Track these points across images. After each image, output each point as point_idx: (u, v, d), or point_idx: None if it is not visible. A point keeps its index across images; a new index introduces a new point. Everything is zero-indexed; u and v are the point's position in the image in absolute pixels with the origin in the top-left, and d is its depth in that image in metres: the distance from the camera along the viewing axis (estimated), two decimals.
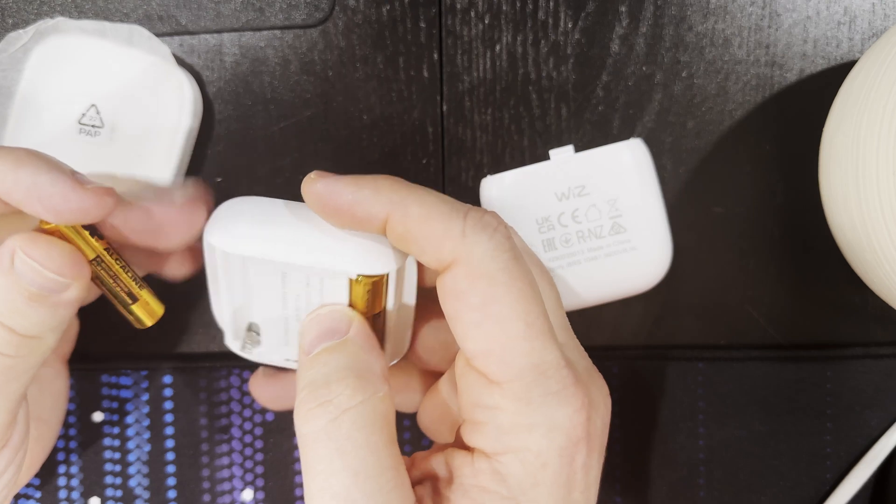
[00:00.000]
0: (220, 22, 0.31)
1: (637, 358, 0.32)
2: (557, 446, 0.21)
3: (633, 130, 0.32)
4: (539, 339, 0.21)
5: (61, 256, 0.22)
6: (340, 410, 0.21)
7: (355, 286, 0.23)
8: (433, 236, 0.21)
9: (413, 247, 0.21)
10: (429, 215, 0.21)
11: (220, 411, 0.32)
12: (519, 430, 0.21)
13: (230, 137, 0.31)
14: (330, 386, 0.21)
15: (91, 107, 0.30)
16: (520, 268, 0.21)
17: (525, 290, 0.21)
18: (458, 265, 0.21)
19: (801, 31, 0.31)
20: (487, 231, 0.21)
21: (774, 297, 0.32)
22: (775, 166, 0.32)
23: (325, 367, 0.22)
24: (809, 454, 0.32)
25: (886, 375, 0.32)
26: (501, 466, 0.21)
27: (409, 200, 0.21)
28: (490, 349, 0.21)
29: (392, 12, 0.31)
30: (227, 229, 0.23)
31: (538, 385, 0.21)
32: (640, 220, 0.29)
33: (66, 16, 0.31)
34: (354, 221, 0.22)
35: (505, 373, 0.21)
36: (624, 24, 0.31)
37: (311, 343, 0.23)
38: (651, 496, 0.32)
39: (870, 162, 0.24)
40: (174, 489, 0.32)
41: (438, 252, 0.21)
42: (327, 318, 0.23)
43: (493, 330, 0.21)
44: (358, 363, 0.22)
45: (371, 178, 0.22)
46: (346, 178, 0.22)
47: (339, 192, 0.21)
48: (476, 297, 0.21)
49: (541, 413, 0.21)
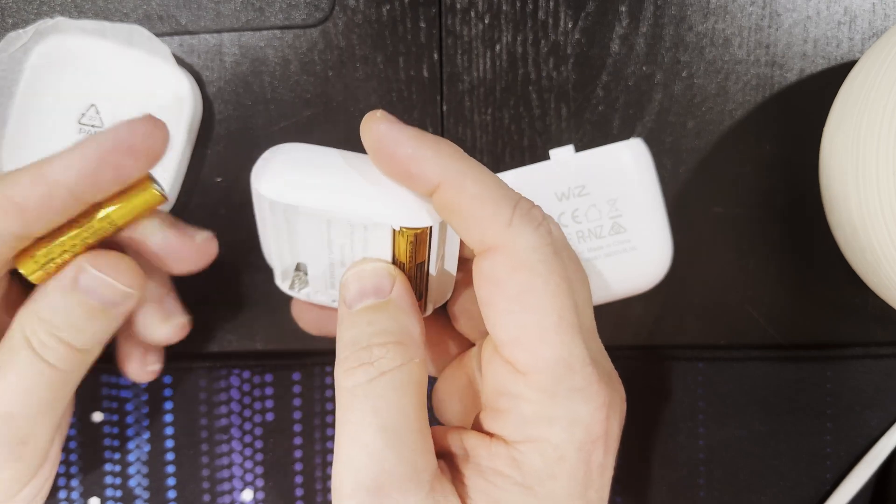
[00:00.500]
0: (220, 22, 0.31)
1: (637, 358, 0.32)
2: (577, 441, 0.21)
3: (633, 130, 0.32)
4: (569, 335, 0.21)
5: (129, 268, 0.23)
6: (379, 372, 0.22)
7: (398, 238, 0.23)
8: (482, 217, 0.21)
9: (457, 221, 0.22)
10: (483, 196, 0.21)
11: (220, 411, 0.32)
12: (541, 422, 0.21)
13: (230, 137, 0.31)
14: (372, 349, 0.22)
15: (91, 107, 0.30)
16: (558, 263, 0.21)
17: (561, 286, 0.21)
18: (500, 252, 0.21)
19: (801, 31, 0.31)
20: (533, 224, 0.21)
21: (774, 297, 0.32)
22: (775, 166, 0.32)
23: (369, 328, 0.22)
24: (809, 454, 0.32)
25: (886, 375, 0.32)
26: (520, 455, 0.21)
27: (467, 175, 0.21)
28: (520, 338, 0.21)
29: (392, 12, 0.31)
30: (273, 176, 0.23)
31: (564, 379, 0.21)
32: (640, 220, 0.29)
33: (66, 16, 0.31)
34: (404, 175, 0.22)
35: (533, 363, 0.21)
36: (624, 24, 0.31)
37: (353, 297, 0.23)
38: (651, 496, 0.32)
39: (870, 162, 0.24)
40: (174, 489, 0.32)
41: (482, 234, 0.21)
42: (371, 275, 0.23)
43: (526, 320, 0.21)
44: (399, 327, 0.22)
45: (433, 139, 0.21)
46: (409, 130, 0.21)
47: (400, 142, 0.21)
48: (514, 286, 0.21)
49: (564, 407, 0.21)
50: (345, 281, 0.24)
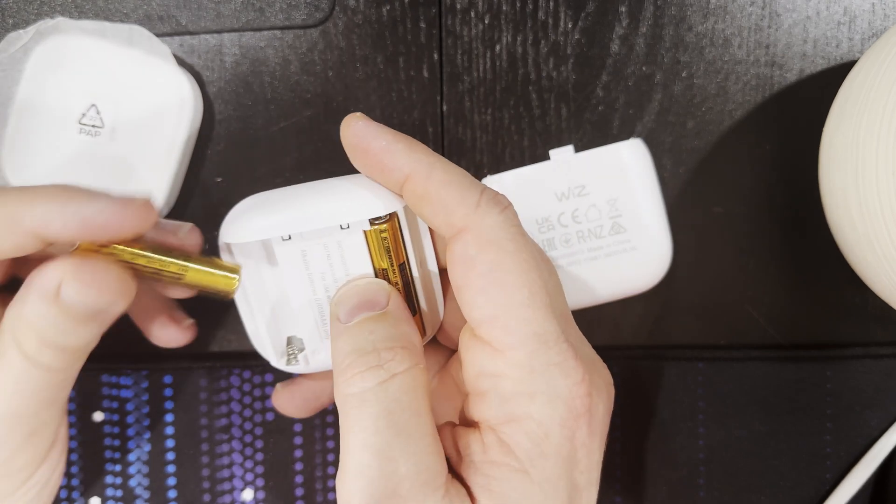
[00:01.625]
0: (220, 22, 0.31)
1: (637, 358, 0.32)
2: (559, 416, 0.21)
3: (633, 130, 0.32)
4: (541, 310, 0.22)
5: (109, 279, 0.23)
6: (390, 374, 0.22)
7: (371, 239, 0.24)
8: (450, 201, 0.22)
9: (428, 208, 0.22)
10: (450, 181, 0.22)
11: (220, 411, 0.32)
12: (521, 398, 0.21)
13: (230, 137, 0.31)
14: (379, 353, 0.22)
15: (91, 107, 0.30)
16: (525, 241, 0.22)
17: (529, 262, 0.22)
18: (469, 232, 0.22)
19: (801, 31, 0.31)
20: (499, 206, 0.22)
21: (774, 297, 0.32)
22: (775, 166, 0.32)
23: (371, 335, 0.22)
24: (809, 454, 0.32)
25: (886, 375, 0.32)
26: (507, 437, 0.22)
27: (435, 165, 0.22)
28: (495, 315, 0.21)
29: (392, 12, 0.31)
30: (235, 226, 0.24)
31: (540, 354, 0.21)
32: (639, 220, 0.29)
33: (67, 16, 0.31)
34: (379, 168, 0.23)
35: (508, 339, 0.21)
36: (624, 24, 0.31)
37: (349, 312, 0.23)
38: (651, 496, 0.32)
39: (870, 162, 0.24)
40: (174, 489, 0.32)
41: (451, 217, 0.22)
42: (365, 289, 0.24)
43: (498, 296, 0.21)
44: (401, 334, 0.23)
45: (407, 137, 0.23)
46: (384, 128, 0.23)
47: (376, 136, 0.23)
48: (484, 263, 0.22)
49: (543, 381, 0.21)
50: (337, 299, 0.24)
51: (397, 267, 0.24)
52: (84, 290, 0.22)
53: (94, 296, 0.22)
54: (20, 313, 0.22)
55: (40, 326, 0.22)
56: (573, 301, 0.30)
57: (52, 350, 0.23)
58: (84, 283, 0.22)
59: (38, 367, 0.22)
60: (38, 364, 0.22)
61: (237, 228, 0.24)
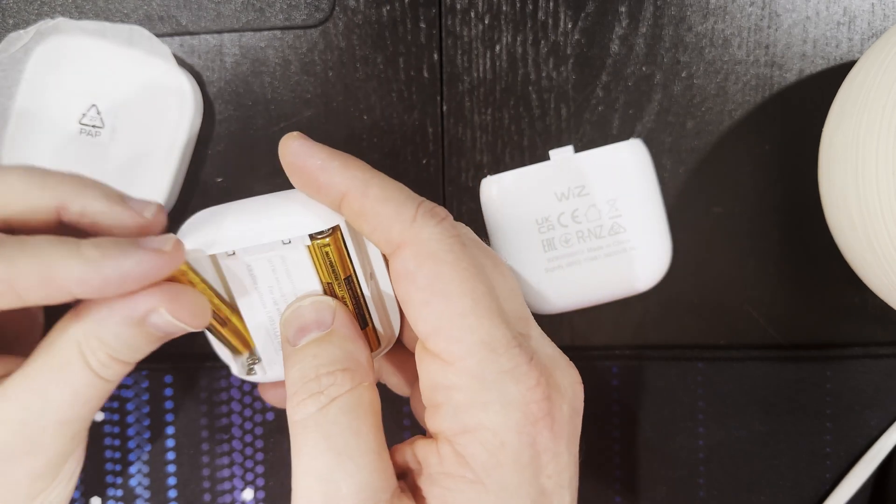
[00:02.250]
0: (220, 22, 0.31)
1: (637, 358, 0.32)
2: (514, 423, 0.21)
3: (632, 130, 0.32)
4: (486, 317, 0.21)
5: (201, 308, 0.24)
6: (328, 399, 0.22)
7: (315, 253, 0.24)
8: (386, 217, 0.22)
9: (365, 225, 0.22)
10: (385, 197, 0.22)
11: (220, 411, 0.32)
12: (474, 408, 0.21)
13: (230, 137, 0.32)
14: (320, 379, 0.22)
15: (91, 107, 0.30)
16: (464, 251, 0.22)
17: (470, 270, 0.22)
18: (406, 247, 0.22)
19: (800, 31, 0.31)
20: (435, 219, 0.22)
21: (774, 297, 0.32)
22: (775, 166, 0.32)
23: (315, 360, 0.23)
24: (809, 454, 0.32)
25: (886, 375, 0.32)
26: (462, 448, 0.21)
27: (371, 181, 0.22)
28: (439, 327, 0.21)
29: (392, 13, 0.31)
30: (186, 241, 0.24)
31: (490, 362, 0.21)
32: (639, 220, 0.29)
33: (67, 16, 0.31)
34: (315, 186, 0.23)
35: (456, 350, 0.21)
36: (624, 24, 0.31)
37: (295, 334, 0.24)
38: (651, 496, 0.32)
39: (870, 162, 0.24)
40: (174, 489, 0.32)
41: (388, 232, 0.22)
42: (310, 309, 0.24)
43: (440, 307, 0.21)
44: (345, 354, 0.23)
45: (343, 154, 0.23)
46: (321, 146, 0.23)
47: (312, 155, 0.23)
48: (423, 276, 0.22)
49: (495, 389, 0.21)
50: (284, 320, 0.24)
51: (343, 280, 0.24)
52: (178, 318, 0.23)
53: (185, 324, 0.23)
54: (96, 331, 0.23)
55: (115, 346, 0.23)
56: (574, 301, 0.30)
57: (117, 365, 0.23)
58: (180, 312, 0.23)
59: (99, 380, 0.23)
60: (99, 377, 0.23)
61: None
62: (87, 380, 0.23)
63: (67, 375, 0.23)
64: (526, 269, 0.29)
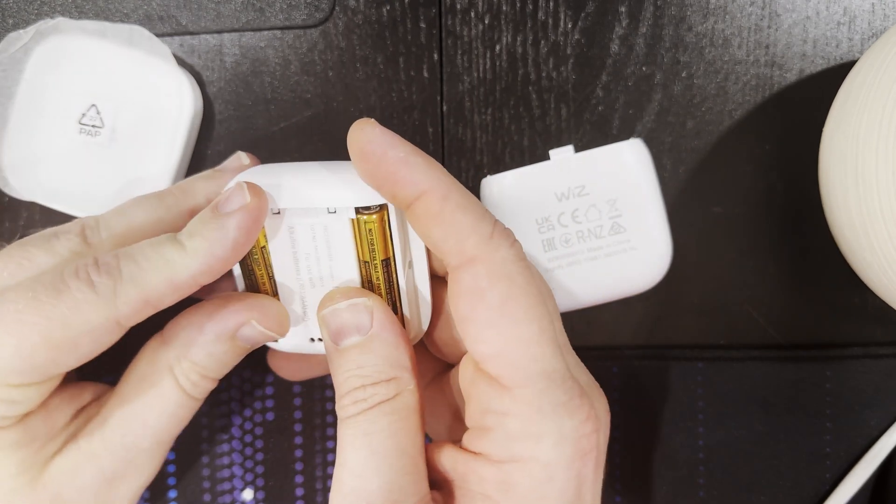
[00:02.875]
0: (220, 22, 0.31)
1: (637, 358, 0.32)
2: (566, 457, 0.21)
3: (633, 130, 0.32)
4: (549, 346, 0.21)
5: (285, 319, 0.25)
6: (371, 405, 0.22)
7: (358, 228, 0.23)
8: (464, 227, 0.21)
9: (438, 230, 0.22)
10: (467, 207, 0.21)
11: (220, 411, 0.32)
12: (528, 439, 0.21)
13: (230, 137, 0.32)
14: (365, 388, 0.23)
15: (91, 107, 0.30)
16: (535, 277, 0.22)
17: (539, 297, 0.21)
18: (480, 263, 0.21)
19: (800, 31, 0.31)
20: (510, 239, 0.22)
21: (774, 297, 0.32)
22: (775, 166, 0.32)
23: (359, 370, 0.23)
24: (809, 454, 0.32)
25: (886, 375, 0.32)
26: (507, 476, 0.21)
27: (453, 186, 0.22)
28: (503, 351, 0.21)
29: (392, 12, 0.31)
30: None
31: (548, 393, 0.21)
32: (640, 220, 0.29)
33: (67, 16, 0.31)
34: (390, 180, 0.22)
35: (517, 376, 0.21)
36: (624, 24, 0.31)
37: (335, 334, 0.24)
38: (651, 496, 0.32)
39: (870, 162, 0.24)
40: (174, 489, 0.32)
41: (462, 244, 0.21)
42: (348, 312, 0.24)
43: (508, 330, 0.21)
44: (388, 363, 0.23)
45: (424, 153, 0.22)
46: (400, 138, 0.22)
47: (393, 145, 0.21)
48: (494, 296, 0.21)
49: (551, 422, 0.21)
50: (322, 318, 0.24)
51: (380, 262, 0.24)
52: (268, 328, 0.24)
53: (273, 332, 0.25)
54: (187, 354, 0.24)
55: (207, 364, 0.24)
56: (574, 301, 0.30)
57: (207, 383, 0.25)
58: (269, 322, 0.24)
59: (191, 400, 0.25)
60: (192, 398, 0.25)
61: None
62: (180, 401, 0.24)
63: (163, 400, 0.24)
64: None
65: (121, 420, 0.24)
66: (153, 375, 0.24)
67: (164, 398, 0.24)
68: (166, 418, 0.24)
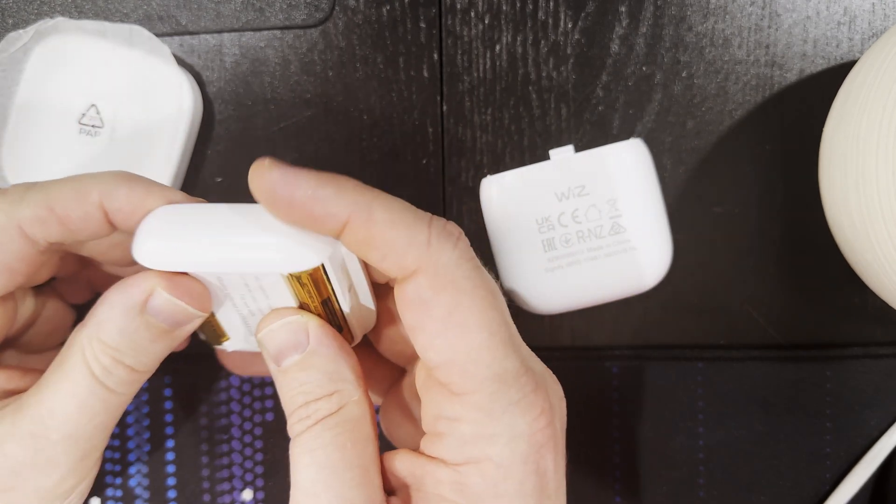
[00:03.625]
0: (220, 22, 0.31)
1: (637, 358, 0.32)
2: (520, 454, 0.21)
3: (633, 130, 0.32)
4: (501, 349, 0.21)
5: (198, 289, 0.23)
6: (314, 421, 0.22)
7: (291, 282, 0.22)
8: (397, 243, 0.20)
9: (374, 253, 0.21)
10: (394, 221, 0.20)
11: (220, 411, 0.32)
12: (480, 441, 0.21)
13: (230, 137, 0.31)
14: (308, 405, 0.22)
15: (91, 107, 0.30)
16: (482, 276, 0.21)
17: (488, 299, 0.21)
18: (422, 274, 0.20)
19: (801, 31, 0.31)
20: (451, 240, 0.21)
21: (774, 297, 0.32)
22: (775, 166, 0.32)
23: (301, 387, 0.22)
24: (809, 454, 0.32)
25: (886, 375, 0.32)
26: (463, 477, 0.21)
27: (374, 204, 0.20)
28: (453, 360, 0.21)
29: (392, 12, 0.31)
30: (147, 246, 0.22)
31: (500, 395, 0.21)
32: (639, 220, 0.29)
33: (66, 16, 0.31)
34: (308, 219, 0.21)
35: (467, 384, 0.21)
36: (624, 24, 0.31)
37: (276, 357, 0.23)
38: (651, 496, 0.32)
39: (870, 162, 0.24)
40: (174, 489, 0.32)
41: (402, 259, 0.20)
42: (283, 332, 0.23)
43: (456, 340, 0.21)
44: (328, 378, 0.23)
45: (333, 176, 0.21)
46: (305, 171, 0.20)
47: (298, 185, 0.20)
48: (440, 306, 0.20)
49: (502, 423, 0.21)
50: (260, 340, 0.23)
51: (321, 303, 0.23)
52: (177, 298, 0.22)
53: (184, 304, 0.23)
54: (97, 332, 0.22)
55: (117, 344, 0.22)
56: (574, 301, 0.30)
57: (122, 370, 0.23)
58: (177, 290, 0.22)
59: (104, 390, 0.23)
60: (104, 386, 0.22)
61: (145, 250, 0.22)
62: (90, 388, 0.22)
63: (72, 385, 0.22)
64: (526, 269, 0.29)
65: (30, 406, 0.22)
66: (66, 359, 0.22)
67: (73, 383, 0.22)
68: (75, 408, 0.22)
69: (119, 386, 0.23)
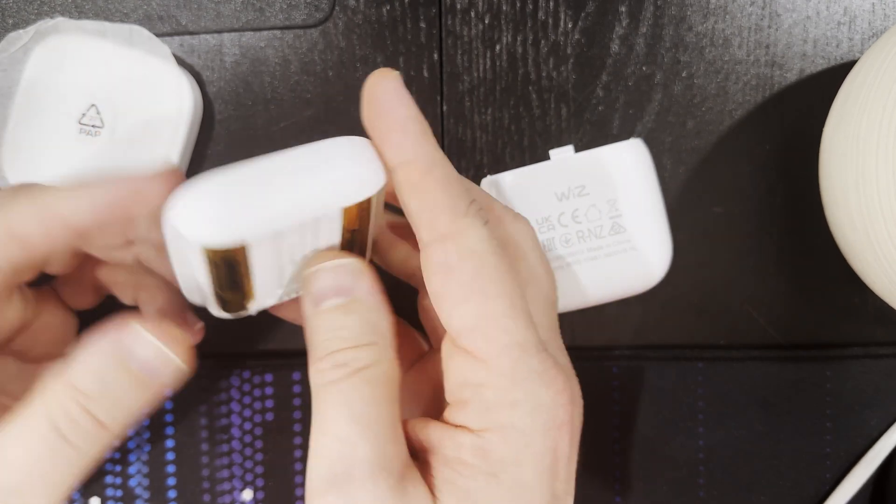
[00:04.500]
0: (220, 22, 0.31)
1: (637, 358, 0.32)
2: (541, 425, 0.21)
3: (633, 130, 0.32)
4: (522, 319, 0.21)
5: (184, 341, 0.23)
6: (352, 370, 0.22)
7: (348, 214, 0.23)
8: (439, 203, 0.21)
9: (415, 202, 0.22)
10: (447, 183, 0.21)
11: (220, 411, 0.32)
12: (503, 407, 0.21)
13: (230, 137, 0.31)
14: (345, 352, 0.22)
15: (91, 107, 0.30)
16: (504, 255, 0.22)
17: (509, 273, 0.22)
18: (451, 240, 0.21)
19: (801, 31, 0.31)
20: (483, 219, 0.22)
21: (774, 297, 0.32)
22: (775, 166, 0.32)
23: (340, 332, 0.22)
24: (809, 454, 0.32)
25: (886, 375, 0.32)
26: (485, 443, 0.22)
27: (438, 161, 0.22)
28: (476, 325, 0.21)
29: (392, 12, 0.31)
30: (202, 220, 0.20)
31: (522, 362, 0.21)
32: (639, 220, 0.29)
33: (66, 16, 0.31)
34: (385, 136, 0.22)
35: (491, 348, 0.21)
36: (624, 24, 0.31)
37: (318, 295, 0.23)
38: (651, 496, 0.32)
39: (870, 162, 0.24)
40: (174, 489, 0.32)
41: (436, 220, 0.21)
42: (333, 274, 0.23)
43: (479, 306, 0.21)
44: (369, 328, 0.23)
45: (425, 123, 0.22)
46: (412, 102, 0.22)
47: (401, 105, 0.22)
48: (466, 273, 0.21)
49: (525, 390, 0.21)
50: (305, 279, 0.23)
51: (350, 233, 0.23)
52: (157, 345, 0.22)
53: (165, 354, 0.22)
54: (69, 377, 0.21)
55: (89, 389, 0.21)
56: (574, 301, 0.30)
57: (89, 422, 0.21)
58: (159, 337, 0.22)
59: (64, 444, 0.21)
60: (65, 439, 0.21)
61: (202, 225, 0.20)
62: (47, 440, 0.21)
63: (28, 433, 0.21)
64: None
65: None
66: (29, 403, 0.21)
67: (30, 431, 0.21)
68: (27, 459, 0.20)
69: (82, 441, 0.21)
